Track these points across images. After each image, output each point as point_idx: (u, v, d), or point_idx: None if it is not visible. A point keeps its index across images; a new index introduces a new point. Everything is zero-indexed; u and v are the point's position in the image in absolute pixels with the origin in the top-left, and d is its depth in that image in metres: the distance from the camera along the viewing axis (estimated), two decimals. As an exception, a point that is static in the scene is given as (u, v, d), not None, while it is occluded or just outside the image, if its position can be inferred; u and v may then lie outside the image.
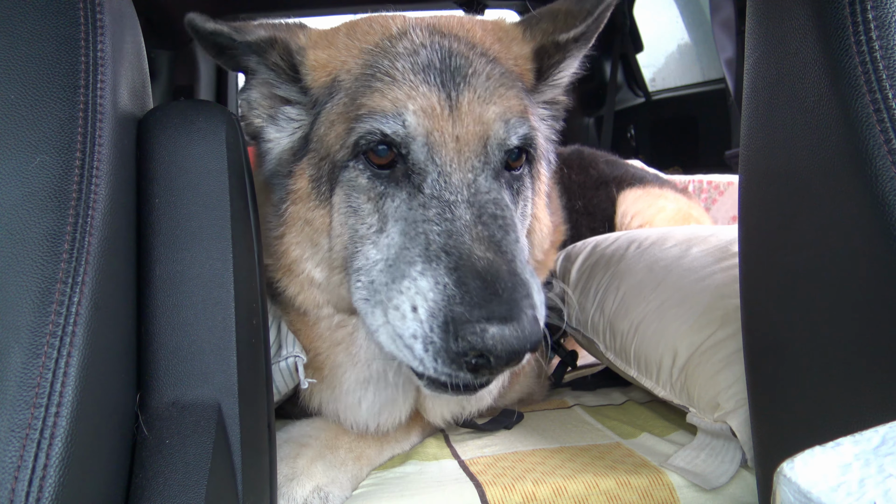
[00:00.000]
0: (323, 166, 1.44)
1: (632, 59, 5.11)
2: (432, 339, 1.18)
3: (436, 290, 1.20)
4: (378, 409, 1.58)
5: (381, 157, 1.37)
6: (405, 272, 1.26)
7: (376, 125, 1.35)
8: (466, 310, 1.14)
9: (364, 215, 1.39)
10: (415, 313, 1.21)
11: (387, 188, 1.37)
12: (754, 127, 1.21)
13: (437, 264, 1.23)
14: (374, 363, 1.55)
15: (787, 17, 1.08)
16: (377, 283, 1.33)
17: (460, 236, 1.26)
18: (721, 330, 1.61)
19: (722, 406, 1.49)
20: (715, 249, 1.85)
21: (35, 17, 0.99)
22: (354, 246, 1.39)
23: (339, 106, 1.43)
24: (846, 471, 0.61)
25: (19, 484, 0.80)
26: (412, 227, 1.31)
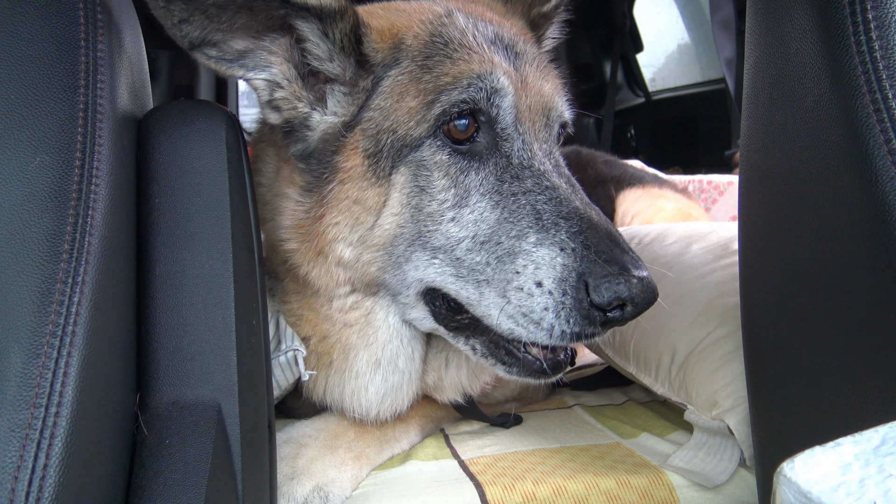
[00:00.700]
0: (383, 140, 1.37)
1: (632, 59, 5.12)
2: (563, 303, 1.23)
3: (563, 255, 1.24)
4: (383, 395, 1.55)
5: (461, 131, 1.35)
6: (514, 248, 1.28)
7: (466, 93, 1.34)
8: (605, 265, 1.21)
9: (436, 192, 1.35)
10: (540, 288, 1.24)
11: (469, 162, 1.36)
12: (754, 127, 1.21)
13: (556, 231, 1.27)
14: (389, 345, 1.52)
15: (787, 18, 1.08)
16: (468, 262, 1.33)
17: (570, 202, 1.31)
18: (720, 328, 1.61)
19: (720, 404, 1.50)
20: (715, 247, 1.85)
21: (35, 17, 0.99)
22: (424, 225, 1.35)
23: (407, 76, 1.38)
24: (846, 471, 0.61)
25: (19, 484, 0.80)
26: (510, 199, 1.32)
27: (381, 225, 1.38)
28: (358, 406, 1.55)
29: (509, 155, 1.37)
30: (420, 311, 1.46)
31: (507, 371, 1.40)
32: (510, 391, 1.95)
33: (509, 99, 1.37)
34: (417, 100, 1.35)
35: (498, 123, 1.37)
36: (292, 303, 1.57)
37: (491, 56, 1.39)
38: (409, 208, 1.36)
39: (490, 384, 1.81)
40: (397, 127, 1.36)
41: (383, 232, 1.38)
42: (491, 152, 1.37)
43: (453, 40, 1.40)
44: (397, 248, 1.39)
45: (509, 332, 1.30)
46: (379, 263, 1.41)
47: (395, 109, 1.37)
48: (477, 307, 1.34)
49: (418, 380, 1.60)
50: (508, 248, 1.29)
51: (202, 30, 1.25)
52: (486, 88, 1.35)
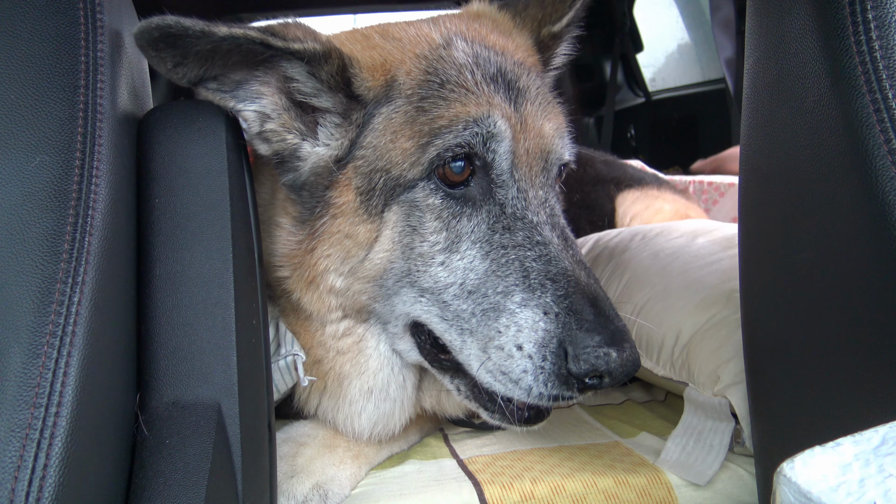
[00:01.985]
0: (376, 179, 1.35)
1: (632, 58, 5.12)
2: (542, 367, 1.23)
3: (546, 319, 1.23)
4: (374, 422, 1.56)
5: (456, 174, 1.32)
6: (499, 304, 1.27)
7: (462, 137, 1.30)
8: (586, 335, 1.20)
9: (427, 234, 1.33)
10: (521, 351, 1.24)
11: (462, 207, 1.34)
12: (754, 127, 1.21)
13: (542, 293, 1.25)
14: (380, 373, 1.52)
15: (787, 18, 1.08)
16: (454, 308, 1.32)
17: (560, 262, 1.29)
18: (726, 309, 1.61)
19: (722, 379, 1.49)
20: (721, 239, 1.86)
21: (35, 17, 0.99)
22: (414, 264, 1.34)
23: (401, 115, 1.35)
24: (846, 471, 0.61)
25: (19, 484, 0.81)
26: (499, 252, 1.31)
27: (372, 259, 1.37)
28: (350, 430, 1.56)
29: (503, 203, 1.34)
30: (407, 343, 1.47)
31: (489, 416, 1.42)
32: None
33: (506, 144, 1.33)
34: (412, 141, 1.32)
35: (493, 169, 1.34)
36: (289, 317, 1.58)
37: (489, 97, 1.35)
38: (401, 246, 1.35)
39: None
40: (391, 168, 1.34)
41: (373, 266, 1.38)
42: (485, 199, 1.35)
43: (450, 80, 1.36)
44: (387, 282, 1.39)
45: (488, 384, 1.30)
46: (369, 294, 1.42)
47: (389, 150, 1.34)
48: (459, 354, 1.34)
49: (410, 406, 1.61)
50: (494, 303, 1.28)
51: (199, 69, 1.24)
52: (482, 133, 1.32)
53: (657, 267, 1.86)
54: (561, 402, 1.27)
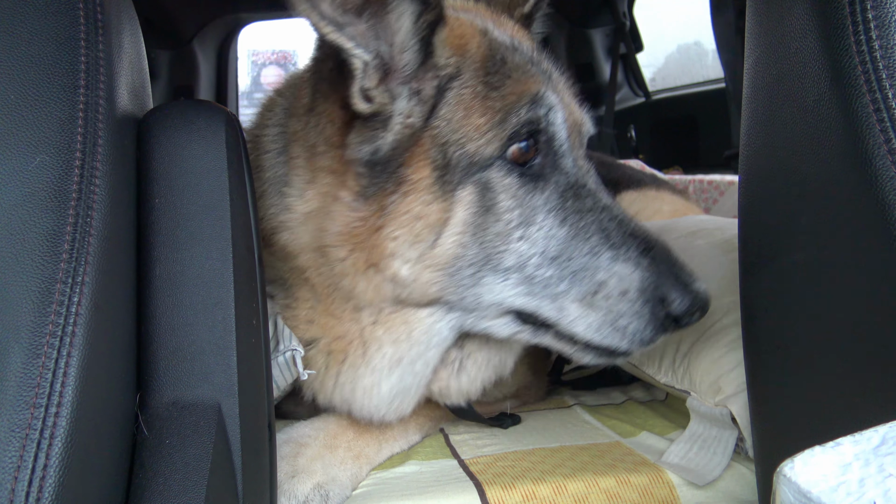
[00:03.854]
0: (451, 153, 1.34)
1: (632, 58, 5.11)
2: (644, 313, 1.35)
3: (638, 270, 1.36)
4: (394, 395, 1.53)
5: (524, 152, 1.37)
6: (590, 264, 1.37)
7: (532, 112, 1.36)
8: (677, 280, 1.36)
9: (502, 213, 1.36)
10: (624, 296, 1.35)
11: (534, 183, 1.39)
12: (754, 127, 1.21)
13: (626, 249, 1.38)
14: (416, 346, 1.49)
15: (786, 17, 1.08)
16: (539, 277, 1.37)
17: (629, 222, 1.43)
18: (726, 317, 1.61)
19: (723, 390, 1.49)
20: (721, 242, 1.86)
21: (35, 17, 0.99)
22: (493, 246, 1.36)
23: (470, 91, 1.36)
24: (846, 471, 0.61)
25: (19, 484, 0.81)
26: (575, 217, 1.39)
27: (442, 244, 1.35)
28: (368, 404, 1.53)
29: (567, 173, 1.43)
30: (499, 323, 1.48)
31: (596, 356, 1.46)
32: (507, 388, 1.95)
33: (561, 116, 1.41)
34: (485, 118, 1.35)
35: (555, 141, 1.41)
36: (300, 309, 1.54)
37: (538, 76, 1.42)
38: (472, 227, 1.35)
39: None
40: (466, 142, 1.34)
41: (444, 252, 1.36)
42: (552, 171, 1.41)
43: (506, 59, 1.41)
44: (461, 271, 1.38)
45: (593, 338, 1.38)
46: (440, 285, 1.40)
47: (463, 125, 1.35)
48: (558, 323, 1.40)
49: (425, 386, 1.60)
50: (583, 264, 1.37)
51: None
52: (544, 106, 1.38)
53: None
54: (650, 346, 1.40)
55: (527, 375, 2.01)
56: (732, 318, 1.58)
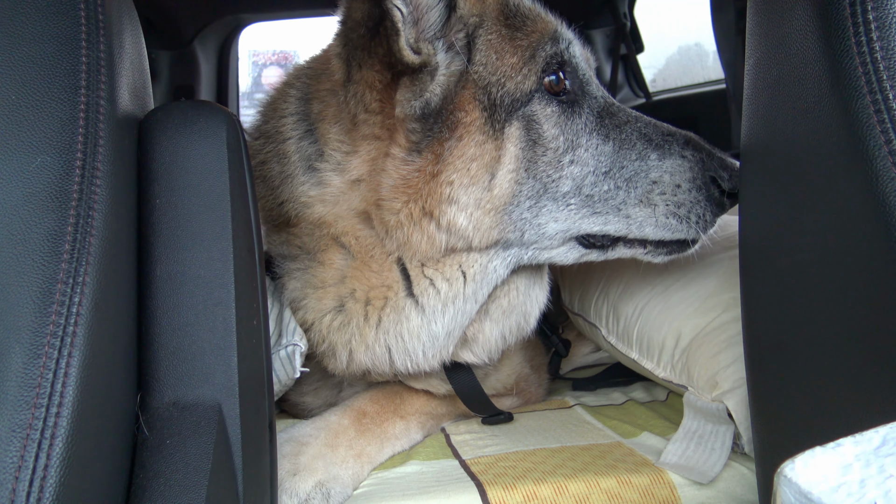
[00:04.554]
0: (494, 93, 1.44)
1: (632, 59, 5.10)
2: (700, 198, 1.48)
3: (686, 161, 1.49)
4: (444, 337, 1.56)
5: (555, 84, 1.48)
6: (641, 168, 1.49)
7: (556, 46, 1.49)
8: (720, 162, 1.49)
9: (548, 142, 1.46)
10: (680, 188, 1.47)
11: (571, 109, 1.50)
12: (754, 128, 1.21)
13: (669, 146, 1.50)
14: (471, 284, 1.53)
15: (787, 18, 1.08)
16: (597, 194, 1.48)
17: (660, 126, 1.55)
18: (726, 313, 1.62)
19: (720, 385, 1.49)
20: (722, 239, 1.86)
21: (36, 17, 0.99)
22: (547, 175, 1.45)
23: (496, 35, 1.47)
24: (847, 471, 0.61)
25: (20, 484, 0.81)
26: (616, 132, 1.52)
27: (500, 184, 1.43)
28: (414, 347, 1.55)
29: (595, 96, 1.55)
30: (562, 250, 1.55)
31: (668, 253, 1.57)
32: (505, 377, 1.95)
33: (579, 49, 1.56)
34: (517, 56, 1.46)
35: (579, 71, 1.54)
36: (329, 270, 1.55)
37: (550, 16, 1.57)
38: (524, 162, 1.44)
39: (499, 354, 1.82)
40: (505, 81, 1.44)
41: (502, 192, 1.43)
42: (583, 97, 1.53)
43: (519, 5, 1.54)
44: (520, 207, 1.45)
45: (663, 235, 1.50)
46: (500, 227, 1.47)
47: (499, 66, 1.45)
48: (629, 231, 1.50)
49: (465, 328, 1.61)
50: (635, 169, 1.48)
51: None
52: (564, 41, 1.52)
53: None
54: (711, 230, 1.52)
55: (524, 367, 2.01)
56: (732, 315, 1.58)
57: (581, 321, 2.10)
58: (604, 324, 1.95)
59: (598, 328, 1.98)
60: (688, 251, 1.56)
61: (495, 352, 1.70)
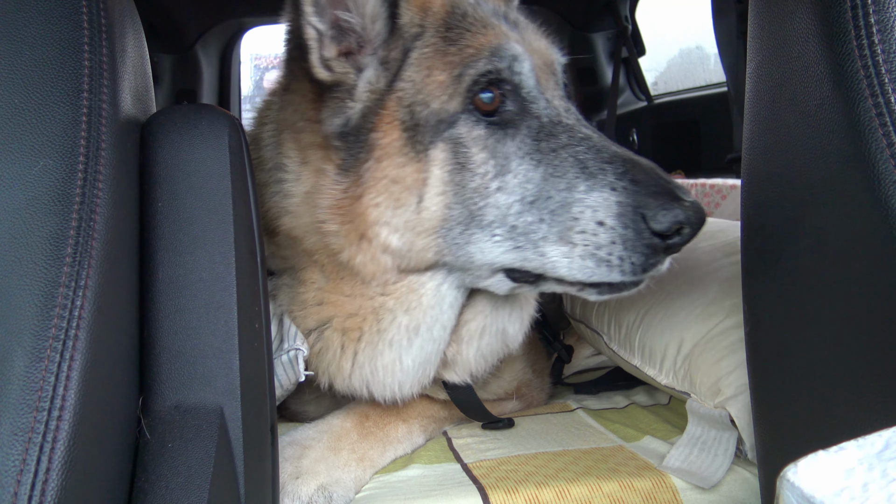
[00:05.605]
0: (419, 113, 1.37)
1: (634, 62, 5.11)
2: (627, 236, 1.29)
3: (616, 194, 1.30)
4: (418, 366, 1.53)
5: (487, 103, 1.38)
6: (566, 199, 1.32)
7: (491, 63, 1.37)
8: (655, 196, 1.28)
9: (476, 166, 1.36)
10: (603, 226, 1.30)
11: (504, 130, 1.38)
12: (756, 131, 1.21)
13: (602, 175, 1.32)
14: (431, 311, 1.49)
15: (788, 22, 1.08)
16: (521, 226, 1.35)
17: (608, 148, 1.37)
18: (728, 319, 1.61)
19: (723, 392, 1.49)
20: (724, 245, 1.86)
21: (39, 21, 0.99)
22: (473, 203, 1.36)
23: (432, 48, 1.40)
24: (850, 475, 0.60)
25: (22, 487, 0.81)
26: (550, 156, 1.36)
27: (428, 207, 1.37)
28: (391, 381, 1.53)
29: (538, 116, 1.41)
30: (494, 281, 1.46)
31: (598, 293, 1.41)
32: (507, 383, 1.95)
33: (528, 63, 1.41)
34: (446, 73, 1.37)
35: (522, 88, 1.41)
36: (309, 291, 1.55)
37: (501, 28, 1.45)
38: (453, 185, 1.37)
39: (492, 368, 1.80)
40: (430, 101, 1.37)
41: (431, 214, 1.38)
42: (521, 117, 1.40)
43: (467, 13, 1.44)
44: (452, 232, 1.39)
45: (580, 278, 1.33)
46: (435, 249, 1.41)
47: (427, 83, 1.38)
48: (542, 268, 1.36)
49: (443, 352, 1.59)
50: (560, 200, 1.33)
51: None
52: (506, 57, 1.39)
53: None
54: (650, 272, 1.33)
55: (526, 372, 2.01)
56: (734, 321, 1.58)
57: (583, 328, 2.10)
58: (606, 330, 1.95)
59: (600, 335, 1.98)
60: (624, 293, 1.41)
61: (478, 371, 1.68)
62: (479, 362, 1.65)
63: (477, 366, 1.65)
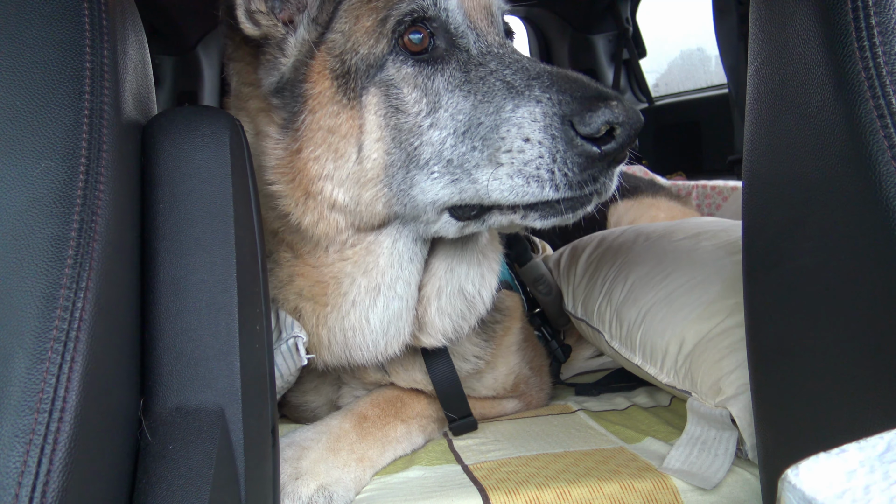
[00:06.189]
0: (349, 60, 1.38)
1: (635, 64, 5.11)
2: (556, 147, 1.23)
3: (540, 106, 1.25)
4: (387, 324, 1.53)
5: (416, 43, 1.37)
6: (495, 122, 1.29)
7: (415, 3, 1.36)
8: (583, 101, 1.22)
9: (409, 106, 1.36)
10: (529, 142, 1.25)
11: (433, 66, 1.37)
12: (757, 133, 1.21)
13: (528, 91, 1.28)
14: (389, 270, 1.49)
15: (789, 24, 1.09)
16: (457, 158, 1.33)
17: (536, 66, 1.33)
18: (730, 318, 1.61)
19: (724, 391, 1.49)
20: (725, 244, 1.86)
21: (40, 23, 0.99)
22: (410, 144, 1.35)
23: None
24: (851, 477, 0.60)
25: (23, 489, 0.81)
26: (479, 85, 1.34)
27: (369, 156, 1.37)
28: (362, 341, 1.53)
29: (468, 48, 1.40)
30: (442, 223, 1.44)
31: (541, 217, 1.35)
32: (503, 375, 1.94)
33: (454, 2, 1.40)
34: (371, 18, 1.37)
35: (450, 24, 1.40)
36: (283, 269, 1.55)
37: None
38: (389, 129, 1.36)
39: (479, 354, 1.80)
40: (359, 47, 1.37)
41: (373, 163, 1.37)
42: (451, 52, 1.39)
43: None
44: (396, 178, 1.38)
45: (514, 199, 1.28)
46: (383, 199, 1.40)
47: (355, 31, 1.38)
48: (477, 196, 1.32)
49: (414, 307, 1.59)
50: (490, 124, 1.30)
51: None
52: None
53: (661, 272, 1.86)
54: (589, 189, 1.27)
55: (522, 368, 2.01)
56: (735, 321, 1.58)
57: (584, 326, 2.10)
58: (607, 328, 1.95)
59: (601, 333, 1.98)
60: (569, 214, 1.33)
61: (449, 332, 1.65)
62: (444, 322, 1.64)
63: (444, 326, 1.64)
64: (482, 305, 1.72)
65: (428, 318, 1.62)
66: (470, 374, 1.84)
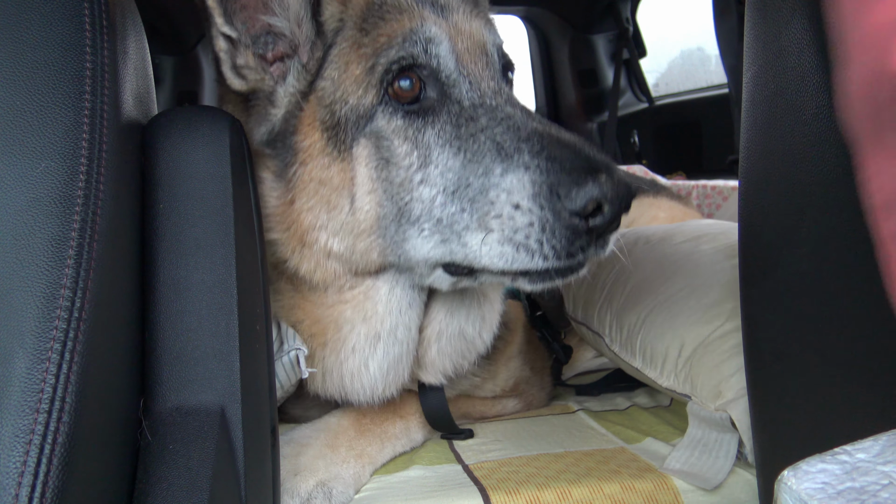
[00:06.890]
0: (338, 111, 1.35)
1: (635, 64, 5.11)
2: (545, 217, 1.19)
3: (529, 173, 1.21)
4: (386, 370, 1.51)
5: (406, 91, 1.33)
6: (484, 185, 1.25)
7: (403, 49, 1.32)
8: (571, 172, 1.18)
9: (400, 159, 1.32)
10: (518, 209, 1.21)
11: (424, 119, 1.33)
12: (754, 139, 1.21)
13: (518, 155, 1.24)
14: (388, 318, 1.48)
15: (784, 32, 1.09)
16: (446, 218, 1.29)
17: (528, 125, 1.28)
18: (729, 322, 1.61)
19: (723, 394, 1.49)
20: (725, 247, 1.86)
21: (41, 23, 0.99)
22: (400, 198, 1.32)
23: (349, 43, 1.37)
24: (846, 479, 0.61)
25: (22, 489, 0.81)
26: (469, 142, 1.29)
27: (361, 207, 1.35)
28: (360, 387, 1.52)
29: (460, 100, 1.35)
30: (436, 277, 1.42)
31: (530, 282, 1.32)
32: (503, 381, 1.94)
33: (445, 45, 1.36)
34: (360, 66, 1.34)
35: (441, 72, 1.35)
36: (285, 298, 1.55)
37: (420, 12, 1.39)
38: (381, 182, 1.34)
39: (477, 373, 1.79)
40: (348, 97, 1.35)
41: (365, 215, 1.36)
42: (442, 103, 1.35)
43: (386, 1, 1.39)
44: (388, 230, 1.36)
45: (503, 266, 1.25)
46: (378, 249, 1.39)
47: (344, 79, 1.36)
48: (467, 259, 1.30)
49: (415, 350, 1.58)
50: (479, 187, 1.26)
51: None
52: (420, 41, 1.34)
53: (661, 276, 1.86)
54: (581, 258, 1.24)
55: (523, 370, 2.01)
56: (735, 324, 1.58)
57: (584, 330, 2.10)
58: (607, 332, 1.95)
59: (601, 337, 1.98)
60: (558, 280, 1.31)
61: (449, 372, 1.65)
62: (445, 363, 1.63)
63: (444, 365, 1.63)
64: (482, 345, 1.71)
65: (428, 359, 1.62)
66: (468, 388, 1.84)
